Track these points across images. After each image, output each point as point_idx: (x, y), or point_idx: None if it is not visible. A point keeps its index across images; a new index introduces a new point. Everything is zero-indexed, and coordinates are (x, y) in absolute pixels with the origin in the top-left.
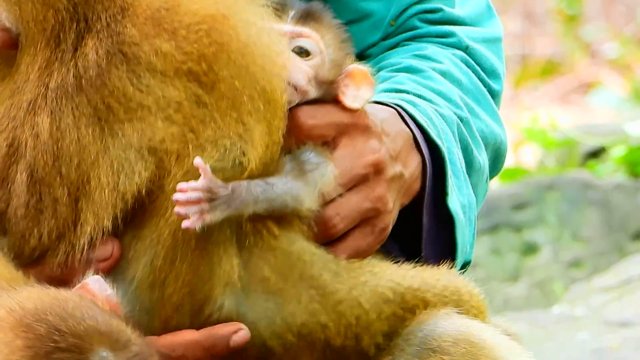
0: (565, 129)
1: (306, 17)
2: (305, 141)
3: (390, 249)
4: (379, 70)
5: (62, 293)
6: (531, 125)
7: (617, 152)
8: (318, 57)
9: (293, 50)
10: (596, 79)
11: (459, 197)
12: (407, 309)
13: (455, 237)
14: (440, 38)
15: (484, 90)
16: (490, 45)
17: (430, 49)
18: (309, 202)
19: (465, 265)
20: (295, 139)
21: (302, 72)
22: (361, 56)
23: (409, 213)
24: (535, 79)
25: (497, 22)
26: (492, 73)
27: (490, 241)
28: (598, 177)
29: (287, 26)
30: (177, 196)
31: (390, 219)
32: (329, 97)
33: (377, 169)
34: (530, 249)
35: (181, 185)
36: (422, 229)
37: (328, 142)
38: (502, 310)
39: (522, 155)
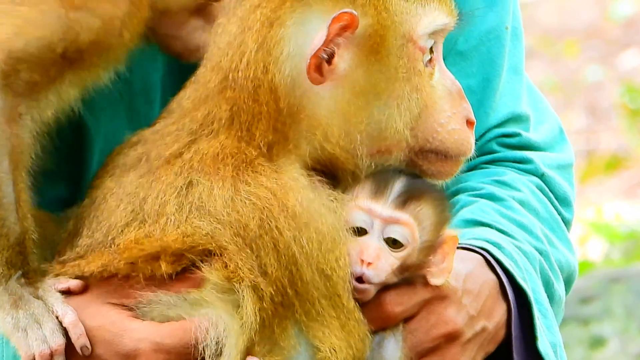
0: (630, 222)
1: (407, 197)
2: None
3: None
4: (458, 193)
5: None
6: (596, 219)
7: None
8: (409, 247)
9: (385, 239)
10: None
11: (548, 337)
12: None
13: None
14: (518, 163)
15: (559, 218)
16: (563, 171)
17: (509, 174)
18: None
19: None
20: (380, 324)
21: (385, 269)
22: None
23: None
24: (600, 174)
25: (569, 147)
26: (564, 201)
27: None
28: None
29: (385, 210)
30: None
31: None
32: (413, 274)
33: (451, 338)
34: (597, 342)
35: None
36: None
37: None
38: None
39: (588, 249)
